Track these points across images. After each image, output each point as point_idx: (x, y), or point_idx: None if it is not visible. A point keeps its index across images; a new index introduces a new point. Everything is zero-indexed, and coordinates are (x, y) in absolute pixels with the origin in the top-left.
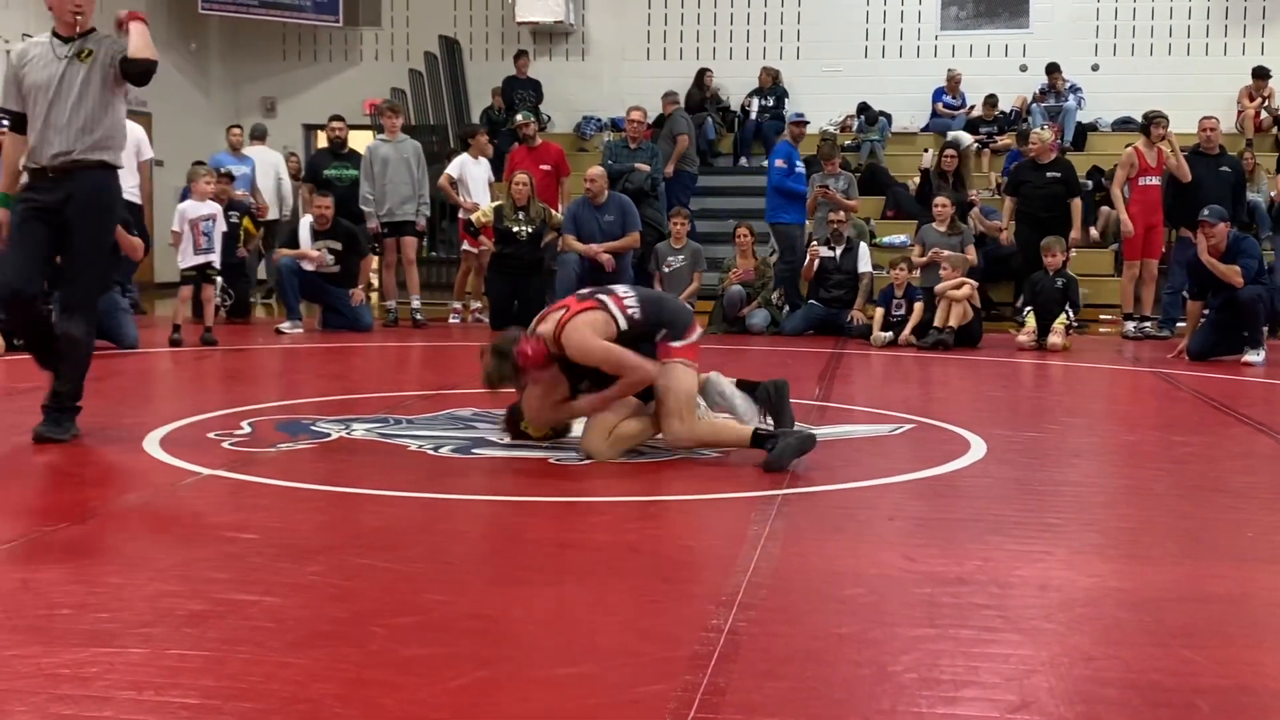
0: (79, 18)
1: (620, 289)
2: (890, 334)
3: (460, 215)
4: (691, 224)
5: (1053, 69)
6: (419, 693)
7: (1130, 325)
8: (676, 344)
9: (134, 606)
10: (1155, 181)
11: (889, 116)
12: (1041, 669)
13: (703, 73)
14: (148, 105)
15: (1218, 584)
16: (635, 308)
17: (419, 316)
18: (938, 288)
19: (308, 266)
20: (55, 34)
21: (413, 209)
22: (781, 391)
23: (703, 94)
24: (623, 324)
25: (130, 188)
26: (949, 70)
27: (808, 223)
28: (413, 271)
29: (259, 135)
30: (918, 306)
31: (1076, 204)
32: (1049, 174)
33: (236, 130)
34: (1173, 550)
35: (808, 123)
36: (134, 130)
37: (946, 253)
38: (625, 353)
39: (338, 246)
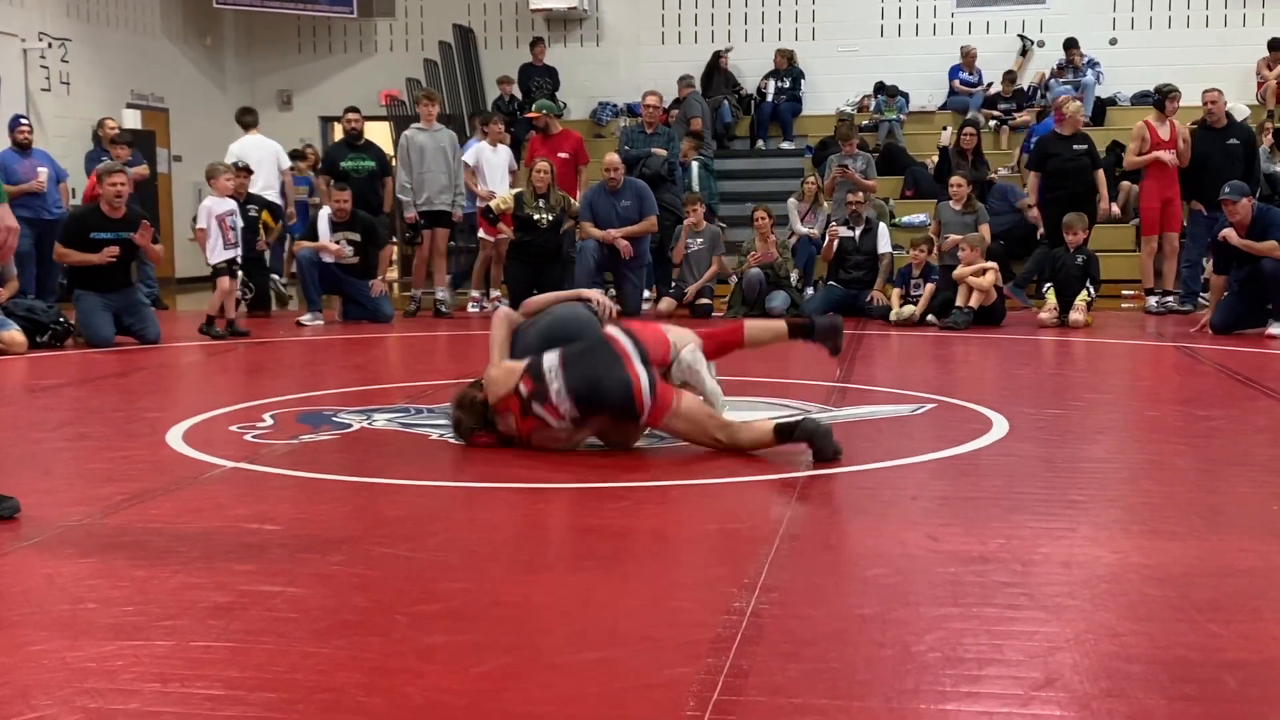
0: None
1: (550, 392)
2: (912, 307)
3: (477, 203)
4: (708, 207)
5: (1071, 44)
6: (442, 680)
7: (1152, 300)
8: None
9: (158, 599)
10: (1168, 156)
11: (906, 96)
12: (1066, 646)
13: (718, 54)
14: (165, 101)
15: (1244, 558)
16: (567, 402)
17: (444, 308)
18: (956, 273)
19: (327, 259)
20: None
21: (449, 199)
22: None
23: (719, 74)
24: (567, 427)
25: (270, 190)
26: (963, 47)
27: (827, 204)
28: (441, 263)
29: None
30: (930, 287)
31: (1100, 175)
32: (1075, 146)
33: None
34: (1197, 525)
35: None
36: (273, 145)
37: (958, 237)
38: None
39: (356, 238)
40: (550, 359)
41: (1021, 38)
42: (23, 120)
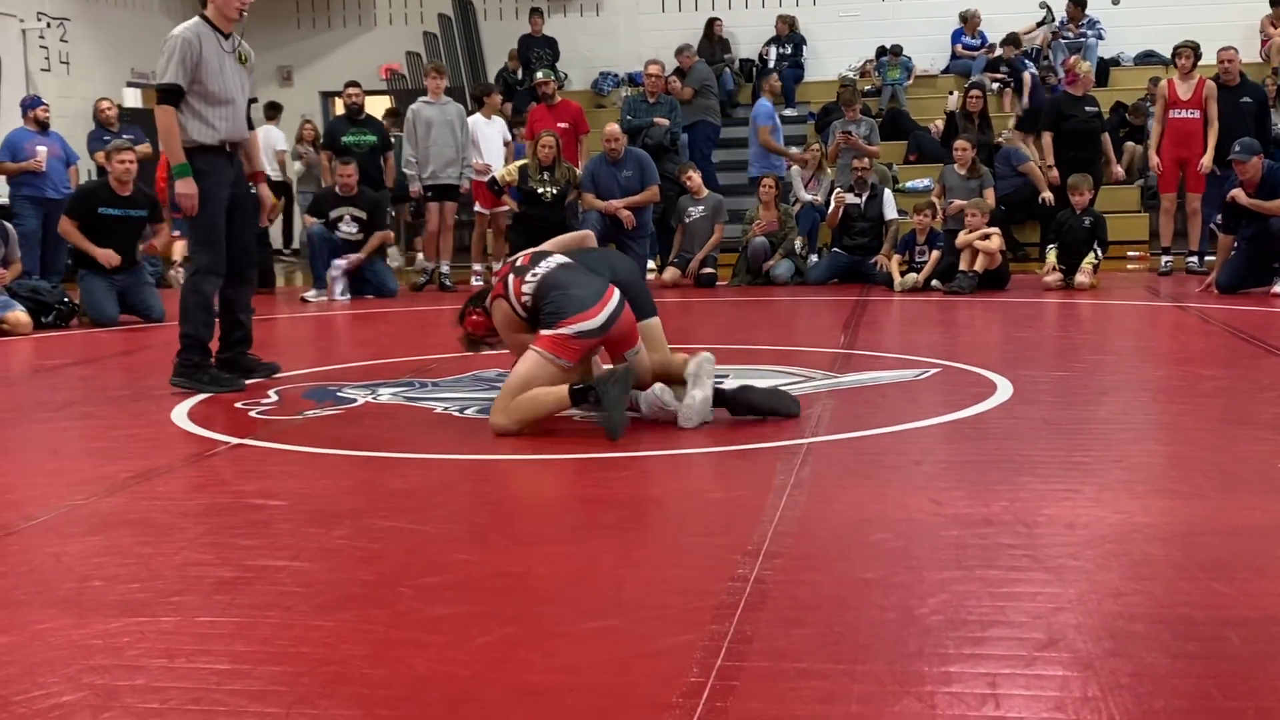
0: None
1: (536, 268)
2: (915, 276)
3: (474, 175)
4: (709, 175)
5: (1078, 3)
6: (447, 651)
7: (1164, 260)
8: (545, 332)
9: (164, 576)
10: (1187, 115)
11: (910, 59)
12: (1069, 606)
13: (711, 22)
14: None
15: (1248, 516)
16: (529, 294)
17: (447, 282)
18: (960, 239)
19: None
20: (211, 24)
21: (456, 172)
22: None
23: (712, 46)
24: (520, 311)
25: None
26: (964, 11)
27: (830, 170)
28: (448, 237)
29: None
30: (934, 255)
31: (1106, 138)
32: (1088, 108)
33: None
34: (1202, 484)
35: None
36: (277, 133)
37: (962, 202)
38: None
39: (362, 216)
40: (558, 258)
41: (1044, 6)
42: (42, 100)
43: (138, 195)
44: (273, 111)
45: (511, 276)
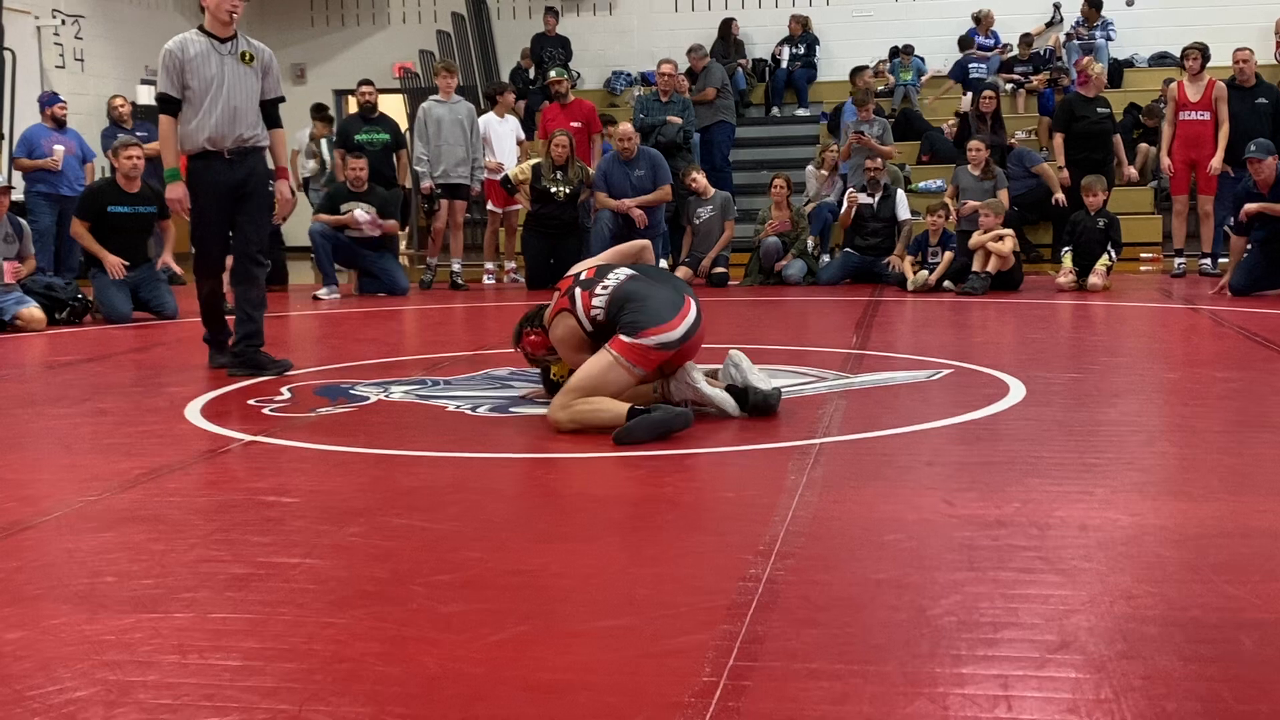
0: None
1: (605, 280)
2: (927, 273)
3: (486, 174)
4: (726, 175)
5: (1093, 4)
6: (459, 649)
7: (1177, 262)
8: (625, 338)
9: (177, 572)
10: (1197, 117)
11: (922, 59)
12: (1081, 608)
13: (728, 23)
14: None
15: (1261, 519)
16: (600, 308)
17: (459, 280)
18: (973, 240)
19: (356, 232)
20: (206, 31)
21: (466, 171)
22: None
23: (727, 46)
24: (587, 326)
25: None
26: (976, 11)
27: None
28: (458, 235)
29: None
30: (947, 255)
31: (1117, 139)
32: (1100, 109)
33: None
34: (1214, 486)
35: None
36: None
37: (976, 203)
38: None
39: (372, 210)
40: (624, 270)
41: (1056, 6)
42: (60, 98)
43: (146, 191)
44: (318, 113)
45: (578, 290)
